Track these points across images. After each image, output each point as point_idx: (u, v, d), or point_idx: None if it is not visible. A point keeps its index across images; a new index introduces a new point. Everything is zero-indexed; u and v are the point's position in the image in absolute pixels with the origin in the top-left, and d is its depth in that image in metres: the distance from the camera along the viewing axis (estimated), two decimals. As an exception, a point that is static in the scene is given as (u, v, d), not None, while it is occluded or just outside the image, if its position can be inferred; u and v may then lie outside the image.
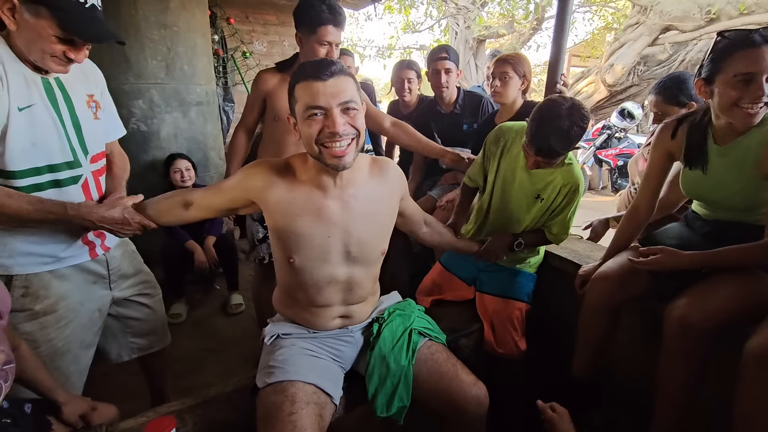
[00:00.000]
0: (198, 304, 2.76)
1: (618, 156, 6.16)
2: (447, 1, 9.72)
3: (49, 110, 1.08)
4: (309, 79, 0.94)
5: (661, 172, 1.33)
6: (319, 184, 1.06)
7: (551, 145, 1.25)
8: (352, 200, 1.08)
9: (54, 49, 1.01)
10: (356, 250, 1.11)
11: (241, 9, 3.98)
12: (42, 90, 1.08)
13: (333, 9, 1.53)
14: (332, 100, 0.94)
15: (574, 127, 1.23)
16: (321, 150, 0.97)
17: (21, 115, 1.03)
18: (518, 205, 1.52)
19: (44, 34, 0.98)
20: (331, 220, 1.07)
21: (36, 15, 0.97)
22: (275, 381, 1.04)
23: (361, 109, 1.01)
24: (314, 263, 1.09)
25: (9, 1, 0.96)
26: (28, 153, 1.05)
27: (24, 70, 1.04)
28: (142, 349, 1.50)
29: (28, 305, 1.14)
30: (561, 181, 1.43)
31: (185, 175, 2.58)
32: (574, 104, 1.26)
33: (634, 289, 1.27)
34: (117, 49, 2.44)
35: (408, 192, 1.27)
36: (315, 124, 0.95)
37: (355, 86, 0.99)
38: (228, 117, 3.79)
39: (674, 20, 6.72)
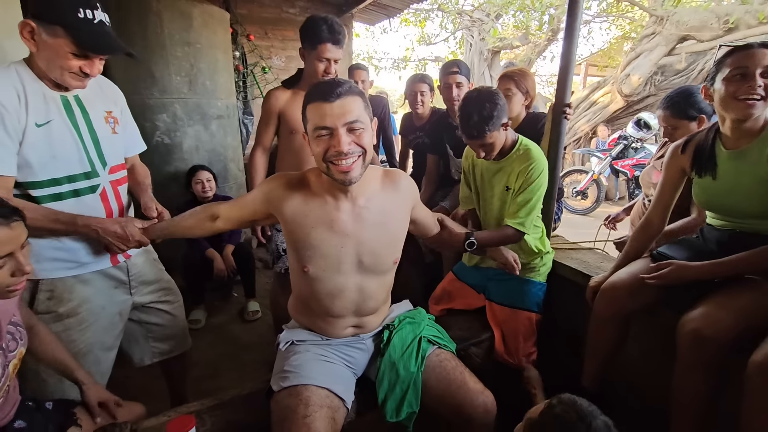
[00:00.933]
0: (216, 311, 2.83)
1: (635, 166, 6.08)
2: (462, 14, 9.82)
3: (68, 125, 1.17)
4: (317, 101, 1.00)
5: (674, 188, 1.36)
6: (332, 196, 1.11)
7: (474, 126, 1.39)
8: (363, 211, 1.13)
9: (71, 65, 1.09)
10: (369, 260, 1.15)
11: (260, 26, 4.13)
12: (60, 106, 1.17)
13: (332, 29, 1.64)
14: (337, 120, 0.99)
15: (486, 104, 1.38)
16: (329, 166, 1.03)
17: (39, 130, 1.12)
18: (496, 205, 1.59)
19: (61, 52, 1.07)
20: (344, 231, 1.11)
21: (53, 35, 1.06)
22: (290, 385, 1.09)
23: (368, 127, 1.04)
24: (327, 273, 1.13)
25: (29, 25, 1.06)
26: (47, 165, 1.14)
27: (43, 88, 1.14)
28: (164, 353, 1.57)
29: (52, 308, 1.22)
30: (518, 167, 1.49)
31: (206, 186, 2.68)
32: (481, 90, 1.44)
33: (645, 299, 1.28)
34: (143, 66, 2.58)
35: (419, 200, 1.32)
36: (322, 143, 1.01)
37: (362, 105, 1.03)
38: (247, 129, 3.91)
39: (691, 30, 6.66)
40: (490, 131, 1.40)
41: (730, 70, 1.12)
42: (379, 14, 4.86)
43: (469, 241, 1.44)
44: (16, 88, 1.09)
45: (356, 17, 4.88)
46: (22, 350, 0.98)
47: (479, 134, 1.40)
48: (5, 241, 0.84)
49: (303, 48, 1.74)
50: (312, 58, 1.70)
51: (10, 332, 0.95)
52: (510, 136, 1.51)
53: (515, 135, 1.54)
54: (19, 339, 0.97)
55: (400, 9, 4.73)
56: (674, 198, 1.37)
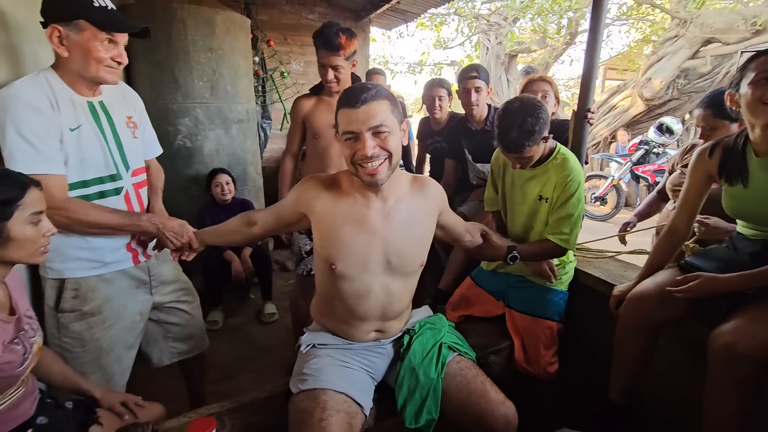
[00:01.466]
0: (234, 313, 2.86)
1: (656, 172, 5.95)
2: (479, 18, 9.79)
3: (94, 129, 1.22)
4: (345, 107, 1.04)
5: (699, 193, 1.31)
6: (362, 195, 1.14)
7: (512, 140, 1.35)
8: (392, 212, 1.14)
9: (102, 56, 1.14)
10: (396, 261, 1.15)
11: (280, 31, 4.19)
12: (87, 111, 1.21)
13: (324, 36, 1.72)
14: (362, 125, 1.01)
15: (527, 119, 1.32)
16: (357, 169, 1.06)
17: (72, 134, 1.17)
18: (527, 213, 1.55)
19: (92, 44, 1.11)
20: (373, 229, 1.13)
21: (79, 30, 1.10)
22: (308, 388, 1.09)
23: (395, 130, 1.06)
24: (355, 271, 1.14)
25: (56, 30, 1.09)
26: (77, 167, 1.19)
27: (71, 94, 1.18)
28: (182, 353, 1.59)
29: (77, 306, 1.26)
30: (555, 177, 1.45)
31: (225, 189, 2.72)
32: (523, 100, 1.38)
33: (673, 310, 1.24)
34: (167, 72, 2.64)
35: (447, 206, 1.32)
36: (350, 146, 1.05)
37: (388, 108, 1.04)
38: (266, 133, 3.96)
39: (716, 32, 6.50)
40: (530, 146, 1.36)
41: (755, 74, 1.08)
42: (396, 19, 4.88)
43: (511, 255, 1.45)
44: (47, 95, 1.13)
45: (374, 22, 4.90)
46: (39, 340, 1.02)
47: (517, 149, 1.37)
48: (39, 200, 0.94)
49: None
50: (318, 65, 1.83)
51: (27, 322, 0.99)
52: (548, 144, 1.47)
53: (553, 142, 1.50)
54: (36, 330, 1.02)
55: (417, 14, 4.74)
56: (700, 203, 1.32)
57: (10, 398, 0.94)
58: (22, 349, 0.92)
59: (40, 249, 0.96)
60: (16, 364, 0.90)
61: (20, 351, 0.91)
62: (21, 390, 0.97)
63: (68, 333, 1.27)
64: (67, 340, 1.27)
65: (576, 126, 1.74)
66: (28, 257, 0.94)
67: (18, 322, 0.95)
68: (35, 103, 1.10)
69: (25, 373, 0.95)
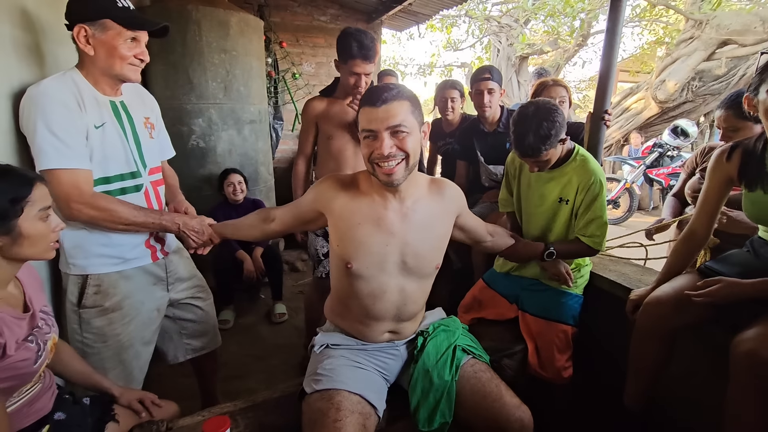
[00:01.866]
0: (244, 312, 2.88)
1: (670, 175, 5.86)
2: (489, 20, 9.76)
3: (116, 127, 1.25)
4: (366, 105, 1.05)
5: (718, 197, 1.28)
6: (380, 195, 1.14)
7: (528, 145, 1.34)
8: (410, 212, 1.15)
9: (127, 54, 1.18)
10: (412, 262, 1.15)
11: (292, 33, 4.22)
12: (110, 110, 1.25)
13: (362, 44, 1.69)
14: (381, 124, 1.02)
15: (543, 123, 1.32)
16: (374, 167, 1.07)
17: (97, 132, 1.20)
18: (546, 215, 1.54)
19: (117, 43, 1.16)
20: (390, 229, 1.13)
21: (104, 29, 1.15)
22: (322, 388, 1.09)
23: (414, 131, 1.06)
24: (371, 270, 1.14)
25: (82, 29, 1.14)
26: (101, 164, 1.22)
27: (95, 93, 1.22)
28: (196, 350, 1.60)
29: (99, 302, 1.28)
30: (576, 180, 1.45)
31: (237, 189, 2.74)
32: (539, 105, 1.38)
33: (692, 315, 1.21)
34: (182, 73, 2.67)
35: (466, 208, 1.32)
36: (368, 145, 1.06)
37: (408, 109, 1.05)
38: (277, 134, 3.98)
39: (733, 34, 6.40)
40: (546, 150, 1.35)
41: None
42: (408, 21, 4.88)
43: (548, 251, 1.47)
44: (73, 93, 1.17)
45: (385, 24, 4.91)
46: (54, 336, 1.03)
47: (534, 154, 1.36)
48: (46, 196, 0.94)
49: (337, 60, 1.81)
50: (344, 72, 1.78)
51: (42, 318, 1.00)
52: (566, 146, 1.46)
53: (571, 144, 1.49)
54: (51, 326, 1.03)
55: (429, 15, 4.74)
56: (719, 207, 1.29)
57: (26, 394, 0.95)
58: (35, 346, 0.93)
59: (51, 244, 0.96)
60: (31, 362, 0.91)
61: (34, 348, 0.92)
62: (38, 386, 0.98)
63: (90, 329, 1.28)
64: (89, 336, 1.29)
65: (593, 127, 1.72)
66: (42, 253, 0.95)
67: (32, 318, 0.96)
68: (64, 100, 1.13)
69: (40, 369, 0.96)
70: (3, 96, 1.18)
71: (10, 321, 0.88)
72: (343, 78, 1.81)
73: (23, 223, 0.88)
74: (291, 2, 4.18)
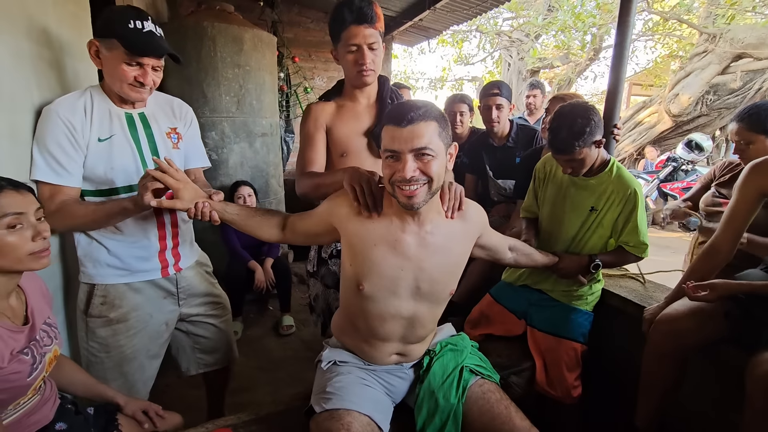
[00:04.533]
0: (252, 323, 2.88)
1: (685, 189, 5.76)
2: (500, 35, 9.83)
3: (128, 139, 1.27)
4: (390, 123, 0.98)
5: (749, 212, 1.23)
6: (399, 218, 1.09)
7: (561, 140, 1.35)
8: (428, 237, 1.09)
9: (126, 75, 1.18)
10: (426, 288, 1.11)
11: (304, 48, 4.31)
12: (124, 122, 1.28)
13: (353, 6, 1.29)
14: (405, 145, 0.96)
15: (578, 120, 1.33)
16: (395, 189, 1.00)
17: (101, 144, 1.22)
18: (578, 223, 1.52)
19: (117, 63, 1.18)
20: (406, 254, 1.09)
21: (110, 48, 1.17)
22: (332, 408, 1.06)
23: (440, 155, 0.99)
24: (383, 293, 1.11)
25: (93, 44, 1.19)
26: (108, 175, 1.24)
27: (110, 105, 1.25)
28: (208, 365, 1.59)
29: (104, 312, 1.29)
30: (613, 190, 1.44)
31: (247, 201, 2.77)
32: (574, 104, 1.40)
33: (705, 334, 1.18)
34: (197, 87, 2.74)
35: (488, 227, 1.27)
36: (390, 166, 1.00)
37: (435, 131, 0.97)
38: (288, 147, 4.04)
39: (748, 47, 6.33)
40: (580, 148, 1.35)
41: None
42: (418, 36, 4.95)
43: (594, 263, 1.48)
44: (84, 107, 1.21)
45: (396, 39, 4.99)
46: (56, 348, 1.02)
47: (567, 150, 1.36)
48: (14, 203, 0.88)
49: (334, 48, 1.42)
50: (342, 53, 1.37)
51: (44, 330, 0.99)
52: (601, 155, 1.46)
53: (606, 154, 1.49)
54: (54, 338, 1.02)
55: (439, 31, 4.80)
56: (747, 223, 1.25)
57: (23, 407, 0.94)
58: (31, 359, 0.91)
59: (33, 253, 0.89)
60: (24, 374, 0.89)
61: (29, 361, 0.90)
62: (37, 397, 0.98)
63: (94, 338, 1.30)
64: (94, 344, 1.30)
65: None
66: (16, 264, 0.88)
67: (31, 330, 0.95)
68: (70, 119, 1.17)
69: (35, 382, 0.94)
70: (23, 110, 1.22)
71: (4, 333, 0.87)
72: (344, 64, 1.39)
73: None
74: (304, 18, 4.28)
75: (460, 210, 1.15)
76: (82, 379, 1.16)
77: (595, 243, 1.52)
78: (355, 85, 1.42)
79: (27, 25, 1.26)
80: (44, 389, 1.01)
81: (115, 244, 1.28)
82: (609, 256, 1.51)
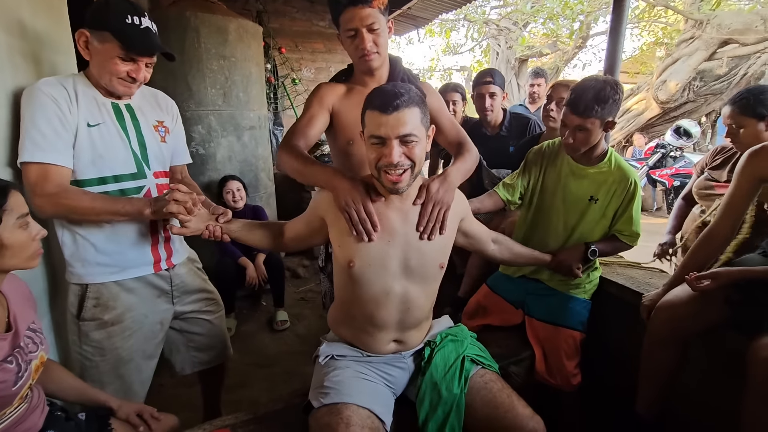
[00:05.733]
0: (246, 320, 2.85)
1: (674, 176, 5.83)
2: (488, 23, 9.79)
3: (117, 128, 1.23)
4: (375, 109, 1.00)
5: (748, 197, 1.23)
6: (382, 195, 1.11)
7: (586, 99, 1.33)
8: (411, 213, 1.12)
9: (119, 69, 1.16)
10: (415, 263, 1.12)
11: (291, 39, 4.23)
12: (111, 112, 1.24)
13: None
14: (391, 132, 0.99)
15: (607, 87, 1.33)
16: (380, 174, 1.04)
17: (91, 130, 1.19)
18: (570, 212, 1.51)
19: (109, 56, 1.15)
20: (392, 227, 1.10)
21: (102, 41, 1.14)
22: (330, 402, 1.05)
23: (422, 139, 1.03)
24: (373, 269, 1.11)
25: (83, 34, 1.15)
26: (96, 163, 1.20)
27: (96, 94, 1.22)
28: (203, 363, 1.56)
29: (98, 315, 1.25)
30: (612, 181, 1.44)
31: (237, 196, 2.72)
32: (607, 78, 1.39)
33: (706, 319, 1.18)
34: (181, 79, 2.66)
35: (470, 213, 1.29)
36: (375, 151, 1.03)
37: (419, 116, 1.01)
38: (277, 139, 3.98)
39: (734, 33, 6.39)
40: (597, 115, 1.33)
41: None
42: (407, 25, 4.89)
43: (591, 249, 1.47)
44: (67, 90, 1.16)
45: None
46: (42, 354, 0.99)
47: (586, 111, 1.33)
48: (22, 203, 0.90)
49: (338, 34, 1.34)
50: (342, 38, 1.31)
51: (29, 336, 0.96)
52: (602, 144, 1.46)
53: (606, 145, 1.49)
54: (39, 343, 0.98)
55: (428, 19, 4.75)
56: (746, 209, 1.25)
57: (10, 416, 0.91)
58: (15, 367, 0.88)
59: (34, 252, 0.93)
60: (9, 384, 0.86)
61: (13, 369, 0.87)
62: (23, 406, 0.94)
63: (88, 341, 1.26)
64: (87, 348, 1.26)
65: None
66: (25, 262, 0.91)
67: (14, 337, 0.91)
68: (54, 94, 1.13)
69: (21, 391, 0.91)
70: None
71: None
72: (347, 49, 1.33)
73: (3, 232, 0.85)
74: (290, 8, 4.19)
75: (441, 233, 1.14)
76: (72, 384, 1.12)
77: (587, 230, 1.51)
78: (361, 71, 1.35)
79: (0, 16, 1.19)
80: (31, 397, 0.97)
81: (103, 239, 1.23)
82: (603, 244, 1.51)
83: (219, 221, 1.24)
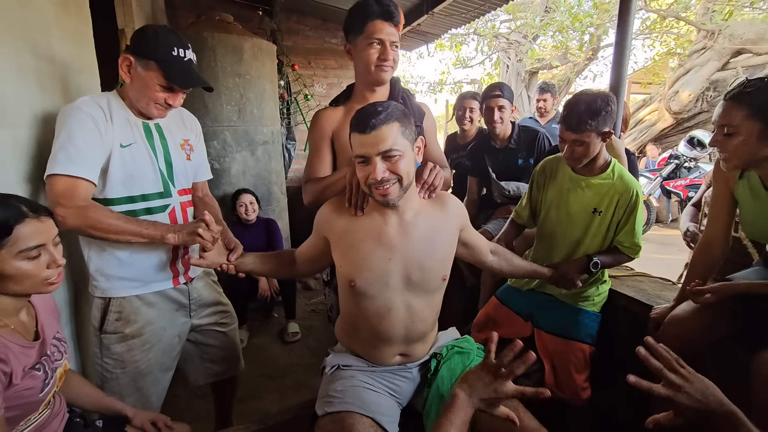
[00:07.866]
0: (257, 331, 2.88)
1: (688, 187, 5.74)
2: (498, 37, 9.86)
3: (147, 148, 1.28)
4: (355, 131, 1.04)
5: (727, 204, 1.24)
6: (380, 213, 1.14)
7: (575, 114, 1.35)
8: (410, 227, 1.14)
9: (157, 96, 1.22)
10: (417, 276, 1.14)
11: (304, 56, 4.34)
12: (142, 131, 1.28)
13: (385, 7, 1.28)
14: (371, 150, 1.02)
15: (598, 100, 1.35)
16: (371, 190, 1.07)
17: (124, 150, 1.23)
18: (574, 225, 1.50)
19: (151, 84, 1.20)
20: (391, 243, 1.12)
21: (146, 68, 1.19)
22: (334, 411, 1.07)
23: (406, 152, 1.04)
24: (375, 286, 1.13)
25: (128, 59, 1.20)
26: (126, 183, 1.24)
27: (128, 115, 1.26)
28: (216, 374, 1.59)
29: (120, 328, 1.28)
30: (615, 192, 1.44)
31: (249, 209, 2.77)
32: (599, 89, 1.42)
33: (716, 333, 1.17)
34: (198, 97, 2.75)
35: (469, 223, 1.30)
36: (362, 169, 1.06)
37: (398, 131, 1.03)
38: (290, 154, 4.05)
39: (747, 43, 6.33)
40: (591, 128, 1.34)
41: None
42: (417, 40, 4.97)
43: (593, 261, 1.46)
44: (102, 109, 1.21)
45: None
46: (66, 363, 1.03)
47: (579, 126, 1.35)
48: (36, 233, 0.88)
49: (348, 42, 1.37)
50: (361, 44, 1.31)
51: (54, 345, 1.00)
52: (604, 155, 1.46)
53: (608, 155, 1.49)
54: (63, 352, 1.02)
55: (438, 35, 4.81)
56: (732, 215, 1.25)
57: (34, 422, 0.94)
58: (42, 374, 0.92)
59: (46, 281, 0.92)
60: (37, 390, 0.90)
61: (41, 377, 0.91)
62: (47, 412, 0.98)
63: (109, 354, 1.29)
64: (108, 361, 1.29)
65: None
66: (31, 289, 0.91)
67: (42, 346, 0.95)
68: (93, 114, 1.18)
69: (47, 398, 0.94)
70: (26, 124, 1.24)
71: (17, 350, 0.88)
72: (360, 58, 1.33)
73: (2, 264, 0.85)
74: (303, 26, 4.30)
75: (434, 191, 1.20)
76: (89, 393, 1.16)
77: (592, 243, 1.50)
78: (369, 82, 1.38)
79: (30, 40, 1.27)
80: (54, 404, 1.01)
81: (127, 254, 1.27)
82: (604, 256, 1.49)
83: (230, 259, 1.28)
